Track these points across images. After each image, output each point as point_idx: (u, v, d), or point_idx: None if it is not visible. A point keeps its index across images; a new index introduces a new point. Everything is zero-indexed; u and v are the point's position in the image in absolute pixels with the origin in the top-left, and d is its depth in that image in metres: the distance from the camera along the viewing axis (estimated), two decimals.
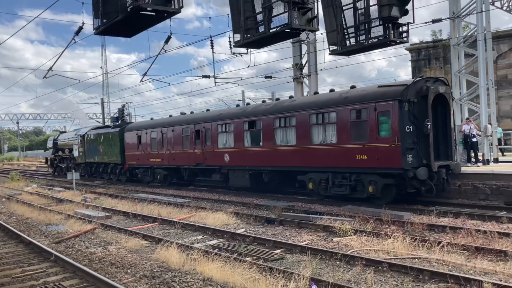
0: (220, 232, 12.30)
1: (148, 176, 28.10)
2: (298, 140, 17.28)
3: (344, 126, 15.57)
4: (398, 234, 10.10)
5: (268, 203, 17.23)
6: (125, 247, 10.99)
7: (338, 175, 16.06)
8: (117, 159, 30.85)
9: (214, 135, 21.86)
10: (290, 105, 18.30)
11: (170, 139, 25.40)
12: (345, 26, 16.14)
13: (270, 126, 18.59)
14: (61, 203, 20.29)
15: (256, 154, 19.38)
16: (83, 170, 36.81)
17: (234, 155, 20.61)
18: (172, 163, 25.45)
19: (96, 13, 12.61)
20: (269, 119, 18.65)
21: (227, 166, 21.16)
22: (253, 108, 20.57)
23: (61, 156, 41.59)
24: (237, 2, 15.33)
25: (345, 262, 8.90)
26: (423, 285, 7.46)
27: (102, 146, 32.64)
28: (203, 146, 22.54)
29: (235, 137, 20.53)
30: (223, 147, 21.27)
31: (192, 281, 7.86)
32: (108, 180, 32.79)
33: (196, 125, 23.27)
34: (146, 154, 27.66)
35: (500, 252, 8.83)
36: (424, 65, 44.82)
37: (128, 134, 29.98)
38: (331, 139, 16.13)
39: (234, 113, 21.41)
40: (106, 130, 33.50)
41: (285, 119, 18.00)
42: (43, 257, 10.24)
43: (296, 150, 17.39)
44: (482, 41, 22.33)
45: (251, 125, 19.83)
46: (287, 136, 17.98)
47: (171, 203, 18.29)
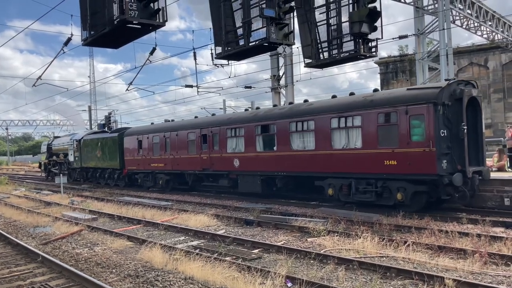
0: (202, 233, 12.22)
1: (149, 181, 26.30)
2: (318, 145, 15.85)
3: (371, 130, 14.18)
4: (368, 234, 10.19)
5: (247, 205, 17.20)
6: (111, 248, 10.83)
7: (362, 181, 14.63)
8: (116, 164, 28.95)
9: (222, 139, 20.34)
10: (308, 108, 16.67)
11: (174, 144, 23.68)
12: (319, 41, 16.30)
13: (285, 130, 17.14)
14: (49, 206, 19.87)
15: (270, 159, 17.92)
16: (78, 175, 35.06)
17: (244, 160, 19.12)
18: (175, 168, 23.66)
19: (84, 25, 12.46)
20: (284, 123, 17.17)
21: (236, 171, 19.60)
22: (266, 112, 18.92)
23: (55, 161, 39.40)
24: (219, 17, 15.35)
25: (318, 260, 8.94)
26: (390, 282, 7.55)
27: (99, 151, 30.74)
28: (211, 150, 20.98)
29: (246, 142, 19.05)
30: (232, 152, 19.76)
31: (174, 280, 7.79)
32: (106, 185, 30.80)
33: (203, 130, 21.59)
34: (147, 159, 25.87)
35: (460, 251, 8.99)
36: (392, 78, 45.54)
37: (128, 138, 28.04)
38: (356, 144, 14.69)
39: (244, 117, 19.75)
40: (104, 135, 31.59)
41: (302, 123, 16.52)
42: (30, 258, 10.01)
43: (315, 155, 15.94)
44: (444, 56, 22.88)
45: (264, 129, 18.32)
46: (305, 140, 16.53)
47: (155, 206, 18.11)
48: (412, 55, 38.27)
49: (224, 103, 47.03)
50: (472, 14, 27.78)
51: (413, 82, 36.88)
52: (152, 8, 11.16)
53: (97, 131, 36.80)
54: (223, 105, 46.83)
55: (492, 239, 9.80)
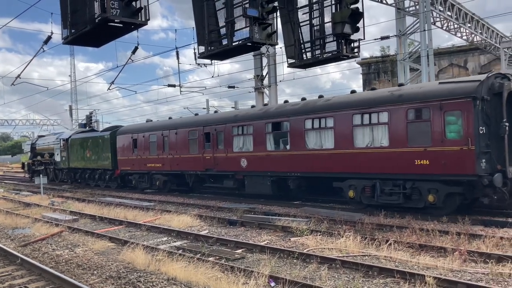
0: (184, 234, 12.16)
1: (144, 182, 24.88)
2: (337, 143, 14.74)
3: (399, 127, 13.17)
4: (350, 234, 10.27)
5: (231, 205, 17.17)
6: (92, 249, 10.70)
7: (388, 182, 13.61)
8: (107, 164, 27.44)
9: (228, 138, 19.08)
10: (326, 104, 15.50)
11: (173, 143, 22.25)
12: (302, 41, 16.36)
13: (300, 128, 15.98)
14: (28, 207, 19.53)
15: (282, 158, 16.76)
16: (66, 176, 33.58)
17: (253, 159, 17.90)
18: (175, 169, 22.25)
19: (64, 23, 12.26)
20: (299, 120, 16.03)
21: (243, 171, 18.39)
22: (277, 108, 17.77)
23: (40, 161, 37.48)
24: (202, 16, 15.29)
25: (301, 260, 8.98)
26: (373, 280, 7.62)
27: (89, 151, 29.17)
28: (214, 150, 19.74)
29: (255, 140, 17.83)
30: (239, 151, 18.54)
31: (157, 280, 7.73)
32: (96, 186, 29.39)
33: (206, 128, 20.26)
34: (143, 159, 24.33)
35: (441, 249, 9.13)
36: (374, 78, 46.01)
37: (121, 137, 26.31)
38: (381, 142, 13.66)
39: (253, 114, 18.49)
40: (95, 134, 30.20)
41: (319, 120, 15.38)
42: (9, 260, 9.81)
43: (334, 154, 14.85)
44: (425, 57, 23.23)
45: (276, 127, 17.14)
46: (322, 138, 15.40)
47: (137, 207, 17.95)
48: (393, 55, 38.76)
49: (207, 103, 46.93)
50: (452, 16, 28.25)
51: (394, 82, 37.34)
52: (134, 7, 11.04)
53: (85, 130, 35.15)
54: (206, 104, 46.69)
55: (471, 237, 9.99)
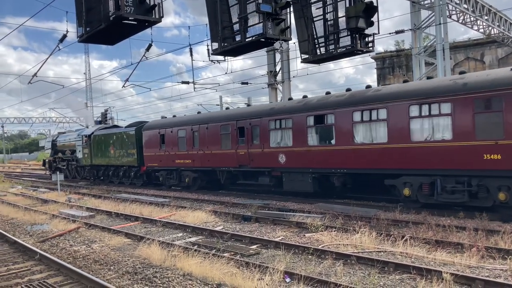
0: (199, 230, 12.22)
1: (172, 179, 24.03)
2: (391, 137, 13.63)
3: (465, 118, 12.05)
4: (365, 229, 10.22)
5: (245, 201, 17.21)
6: (108, 245, 10.82)
7: (450, 179, 12.48)
8: (132, 161, 26.61)
9: (264, 132, 18.09)
10: (377, 95, 14.40)
11: (203, 138, 21.31)
12: (316, 36, 16.28)
13: (346, 121, 14.90)
14: (46, 204, 19.83)
15: (325, 154, 15.65)
16: (88, 173, 32.84)
17: (292, 155, 16.88)
18: (205, 165, 21.33)
19: (79, 22, 12.39)
20: (346, 112, 14.93)
21: (281, 168, 17.42)
22: (320, 100, 16.45)
23: (61, 158, 36.68)
24: (215, 12, 15.30)
25: (316, 256, 8.96)
26: (388, 277, 7.57)
27: (113, 147, 28.40)
28: (249, 145, 18.75)
29: (295, 135, 16.75)
30: (277, 146, 17.55)
31: (173, 276, 7.79)
32: (119, 184, 28.60)
33: (240, 122, 19.27)
34: (171, 155, 23.43)
35: (458, 245, 9.03)
36: (388, 73, 45.57)
37: (148, 133, 25.48)
38: (443, 135, 12.56)
39: (292, 107, 17.35)
40: (119, 130, 29.30)
41: (370, 112, 14.29)
42: (28, 255, 9.99)
43: (387, 149, 13.76)
44: (441, 51, 22.90)
45: (319, 120, 15.99)
46: (373, 132, 14.32)
47: (152, 203, 18.10)
48: (408, 50, 38.31)
49: (220, 99, 46.97)
50: (468, 9, 27.79)
51: (409, 77, 36.92)
52: (148, 4, 11.11)
53: (108, 126, 34.55)
54: (219, 101, 46.77)
55: (489, 233, 9.86)
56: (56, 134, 40.67)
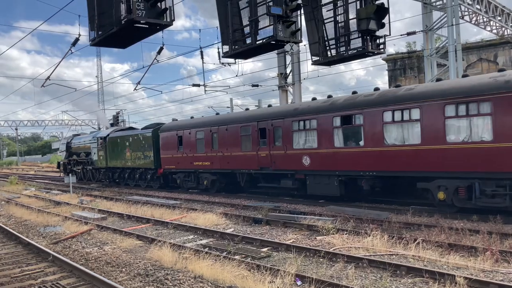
0: (210, 232, 12.24)
1: (190, 181, 23.59)
2: (425, 138, 13.05)
3: (507, 118, 11.40)
4: (377, 232, 10.16)
5: (255, 204, 17.21)
6: (120, 247, 10.89)
7: (490, 182, 11.87)
8: (149, 163, 26.29)
9: (287, 134, 17.52)
10: (410, 94, 13.77)
11: (223, 140, 20.87)
12: (326, 38, 16.27)
13: (376, 121, 14.32)
14: (59, 206, 20.02)
15: (353, 156, 15.10)
16: (103, 176, 32.57)
17: (317, 157, 16.27)
18: (225, 167, 20.86)
19: (92, 25, 12.54)
20: (376, 112, 14.32)
21: (305, 170, 16.79)
22: (347, 100, 15.77)
23: (76, 160, 36.66)
24: (226, 15, 15.36)
25: (327, 259, 8.92)
26: (401, 280, 7.51)
27: (129, 149, 28.12)
28: (271, 147, 18.23)
29: (320, 136, 16.14)
30: (300, 148, 16.95)
31: (184, 278, 7.81)
32: (136, 186, 28.31)
33: (261, 123, 18.74)
34: (189, 157, 23.00)
35: (471, 248, 8.93)
36: (400, 74, 45.30)
37: (165, 134, 25.09)
38: (482, 136, 11.95)
39: (317, 107, 16.65)
40: (135, 132, 28.94)
41: (401, 112, 13.72)
42: (41, 257, 10.09)
43: (420, 151, 13.19)
44: (453, 52, 22.70)
45: (346, 121, 15.43)
46: (405, 133, 13.76)
47: (164, 205, 18.18)
48: (420, 51, 38.04)
49: (231, 102, 47.09)
50: (481, 10, 27.52)
51: (421, 78, 36.63)
52: (159, 8, 11.21)
53: (124, 128, 34.38)
54: (230, 103, 46.89)
55: (504, 236, 9.73)
56: (70, 136, 40.48)
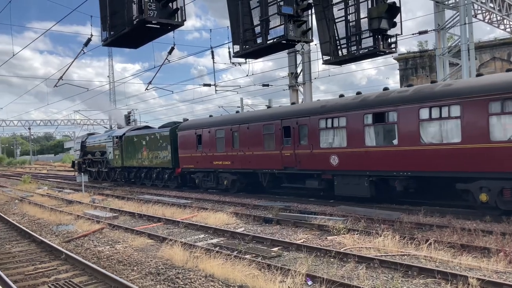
0: (221, 231, 12.28)
1: (210, 181, 23.03)
2: (466, 136, 12.31)
3: None
4: (388, 233, 10.10)
5: (266, 203, 17.21)
6: (132, 246, 10.97)
7: None
8: (166, 163, 25.83)
9: (313, 132, 16.77)
10: (448, 90, 12.97)
11: (244, 138, 20.25)
12: (338, 38, 16.23)
13: (412, 119, 13.57)
14: (71, 204, 20.23)
15: (386, 155, 14.36)
16: (119, 175, 32.12)
17: (346, 156, 15.59)
18: (246, 167, 20.21)
19: (104, 26, 12.64)
20: (411, 109, 13.58)
21: (333, 170, 16.10)
22: (379, 96, 14.99)
23: (91, 160, 36.23)
24: (237, 15, 15.39)
25: (338, 259, 8.90)
26: (412, 281, 7.46)
27: (145, 148, 27.72)
28: (296, 146, 17.53)
29: (349, 134, 15.44)
30: (328, 147, 16.23)
31: (195, 277, 7.85)
32: (152, 186, 27.81)
33: (285, 121, 18.07)
34: (208, 156, 22.44)
35: (484, 249, 8.84)
36: (411, 74, 44.96)
37: (183, 133, 24.54)
38: None
39: (346, 104, 15.87)
40: (152, 131, 28.49)
41: (440, 109, 12.94)
42: (54, 255, 10.21)
43: (461, 150, 12.42)
44: (466, 51, 22.47)
45: (378, 118, 14.68)
46: (443, 131, 12.95)
47: (175, 204, 18.27)
48: (432, 50, 37.73)
49: (241, 101, 47.12)
50: (495, 8, 27.19)
51: (433, 78, 36.30)
52: (171, 8, 11.26)
53: (140, 127, 33.63)
54: (240, 103, 46.93)
55: None
56: (85, 135, 40.06)
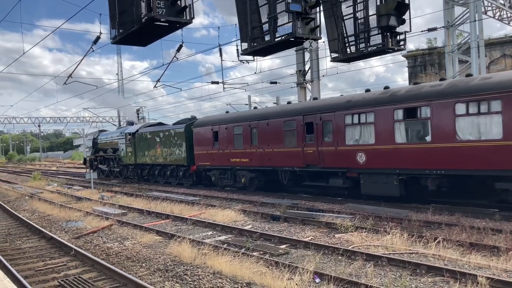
0: (229, 228, 12.31)
1: (226, 179, 22.50)
2: (507, 133, 11.66)
3: None
4: (397, 231, 10.06)
5: (274, 201, 17.22)
6: (140, 242, 11.04)
7: None
8: (181, 160, 25.31)
9: (338, 128, 16.15)
10: (486, 83, 12.28)
11: (263, 135, 19.63)
12: (346, 35, 16.11)
13: (447, 114, 12.88)
14: (80, 201, 20.39)
15: (418, 152, 13.70)
16: (132, 173, 31.76)
17: (375, 154, 14.91)
18: (265, 164, 19.63)
19: (113, 23, 12.67)
20: (446, 104, 12.88)
21: (360, 168, 15.47)
22: (409, 90, 14.40)
23: (103, 157, 35.82)
24: (245, 13, 15.36)
25: (346, 257, 8.89)
26: (420, 279, 7.44)
27: (159, 146, 27.28)
28: (319, 142, 16.84)
29: (378, 131, 14.81)
30: (354, 144, 15.59)
31: (203, 274, 7.88)
32: (166, 183, 27.57)
33: (307, 117, 17.39)
34: (226, 153, 21.88)
35: (494, 248, 8.78)
36: (420, 71, 44.68)
37: (199, 130, 24.00)
38: None
39: (374, 99, 15.19)
40: (166, 127, 27.98)
41: (478, 104, 12.28)
42: (64, 251, 10.31)
43: (501, 147, 11.80)
44: (475, 48, 22.26)
45: (409, 114, 14.02)
46: (481, 127, 12.30)
47: (183, 201, 18.34)
48: (441, 47, 37.42)
49: (249, 99, 47.12)
50: (505, 4, 26.91)
51: (442, 75, 36.02)
52: (179, 6, 11.25)
53: (153, 123, 32.96)
54: (248, 100, 46.93)
55: None
56: (96, 132, 39.52)
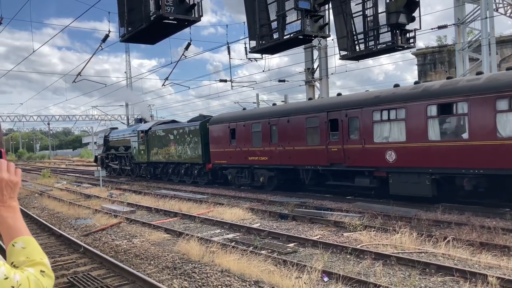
0: (237, 227, 12.32)
1: (244, 178, 21.77)
2: None
3: None
4: (406, 230, 10.00)
5: (282, 199, 17.20)
6: (149, 240, 11.08)
7: None
8: (196, 158, 24.64)
9: (365, 125, 15.37)
10: None
11: (283, 132, 18.90)
12: (355, 33, 16.07)
13: (486, 110, 12.14)
14: (89, 199, 20.52)
15: (454, 151, 12.89)
16: (144, 171, 31.27)
17: (405, 152, 14.14)
18: (285, 163, 18.89)
19: (121, 22, 12.75)
20: (485, 100, 12.12)
21: (389, 167, 14.67)
22: (444, 85, 13.54)
23: (114, 155, 35.31)
24: (253, 11, 15.35)
25: (355, 255, 8.85)
26: (430, 278, 7.39)
27: (173, 143, 26.66)
28: (344, 140, 16.11)
29: (409, 128, 14.01)
30: (383, 142, 14.82)
31: (211, 272, 7.89)
32: (180, 182, 26.92)
33: (332, 113, 16.61)
34: (243, 151, 21.15)
35: (504, 248, 8.70)
36: (430, 69, 44.36)
37: (215, 127, 23.38)
38: None
39: (405, 94, 14.38)
40: (180, 125, 27.45)
41: None
42: (73, 248, 10.38)
43: None
44: (486, 46, 22.04)
45: (444, 110, 13.24)
46: None
47: (191, 199, 18.38)
48: (451, 45, 37.12)
49: (257, 97, 47.11)
50: None
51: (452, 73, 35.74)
52: (188, 4, 11.30)
53: (167, 121, 32.47)
54: (256, 99, 46.92)
55: None
56: (108, 130, 39.16)
